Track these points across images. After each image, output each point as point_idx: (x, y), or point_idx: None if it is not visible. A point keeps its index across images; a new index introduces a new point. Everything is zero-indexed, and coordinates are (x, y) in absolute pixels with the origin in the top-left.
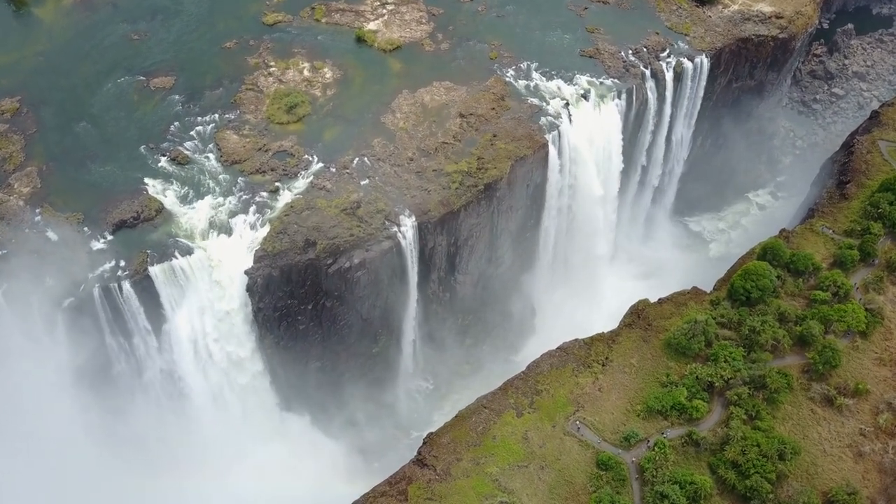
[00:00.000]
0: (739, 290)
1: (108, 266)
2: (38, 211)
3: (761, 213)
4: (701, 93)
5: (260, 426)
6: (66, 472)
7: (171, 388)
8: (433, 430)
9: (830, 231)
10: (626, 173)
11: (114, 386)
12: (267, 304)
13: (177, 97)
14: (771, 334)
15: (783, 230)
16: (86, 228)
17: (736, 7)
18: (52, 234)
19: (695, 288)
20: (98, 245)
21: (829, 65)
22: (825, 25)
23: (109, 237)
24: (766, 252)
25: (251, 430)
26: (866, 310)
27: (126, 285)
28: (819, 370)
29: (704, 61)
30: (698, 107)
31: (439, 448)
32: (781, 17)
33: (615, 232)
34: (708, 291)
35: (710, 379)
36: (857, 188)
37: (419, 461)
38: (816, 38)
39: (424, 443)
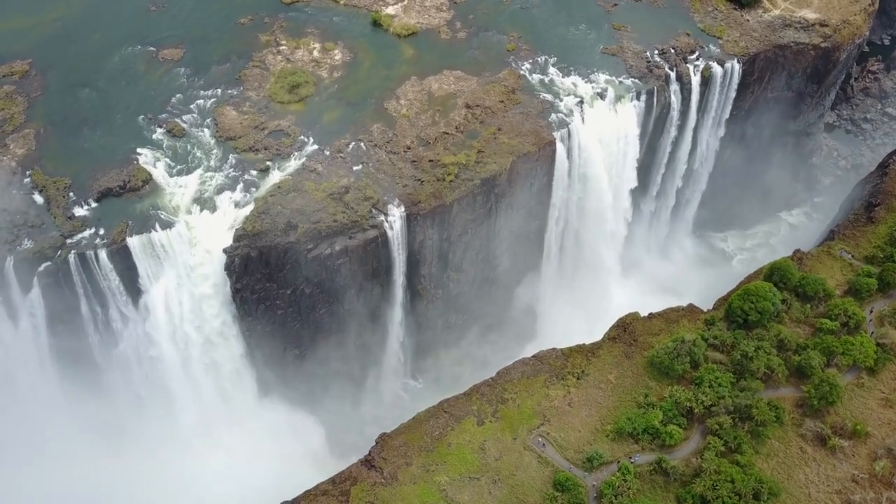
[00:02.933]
0: (737, 310)
1: (87, 233)
2: (28, 173)
3: (793, 233)
4: (731, 100)
5: (236, 408)
6: (37, 440)
7: (145, 362)
8: None
9: (850, 255)
10: (643, 180)
11: (89, 356)
12: (245, 286)
13: (183, 70)
14: (765, 361)
15: (797, 251)
16: (71, 194)
17: (777, 12)
18: (38, 197)
19: (690, 305)
20: (81, 212)
21: (884, 83)
22: (886, 41)
23: (94, 204)
24: (774, 272)
25: (227, 412)
26: (877, 344)
27: (102, 254)
28: (814, 405)
29: (736, 66)
30: (727, 115)
31: (390, 450)
32: (826, 26)
33: (629, 241)
34: (705, 310)
35: (689, 404)
36: (887, 212)
37: (367, 462)
38: (873, 53)
39: (376, 443)
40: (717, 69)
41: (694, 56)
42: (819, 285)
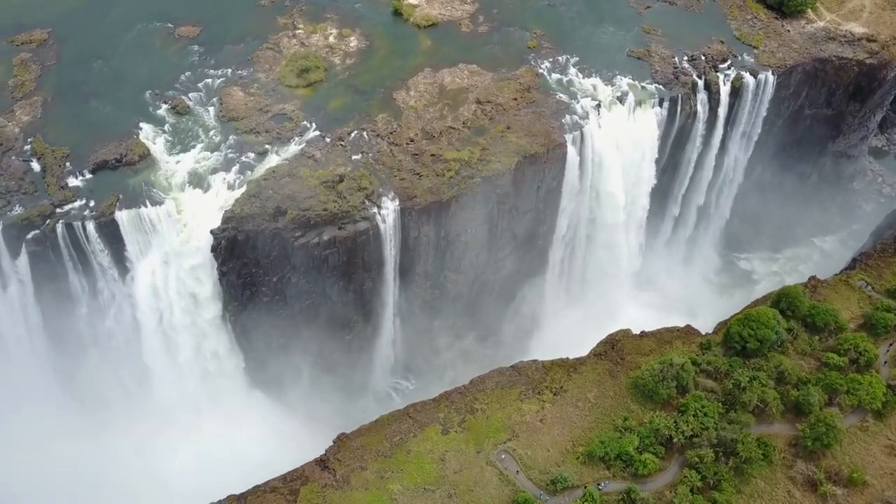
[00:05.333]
0: (735, 336)
1: (77, 204)
2: (29, 140)
3: (825, 261)
4: (763, 114)
5: (218, 393)
6: (21, 408)
7: (131, 338)
8: None
9: (870, 287)
10: (663, 192)
11: (76, 327)
12: (231, 269)
13: (196, 47)
14: (759, 394)
15: (812, 277)
16: (68, 164)
17: (821, 24)
18: (35, 165)
19: (688, 326)
20: (75, 182)
21: None
22: None
23: (88, 176)
24: (781, 299)
25: (208, 396)
26: (888, 386)
27: (90, 226)
28: (808, 446)
29: (770, 78)
30: (759, 130)
31: (346, 451)
32: (874, 41)
33: (645, 257)
34: (704, 333)
35: (668, 432)
36: None
37: (321, 462)
38: None
39: (333, 442)
40: (749, 80)
41: (726, 65)
42: (830, 316)
